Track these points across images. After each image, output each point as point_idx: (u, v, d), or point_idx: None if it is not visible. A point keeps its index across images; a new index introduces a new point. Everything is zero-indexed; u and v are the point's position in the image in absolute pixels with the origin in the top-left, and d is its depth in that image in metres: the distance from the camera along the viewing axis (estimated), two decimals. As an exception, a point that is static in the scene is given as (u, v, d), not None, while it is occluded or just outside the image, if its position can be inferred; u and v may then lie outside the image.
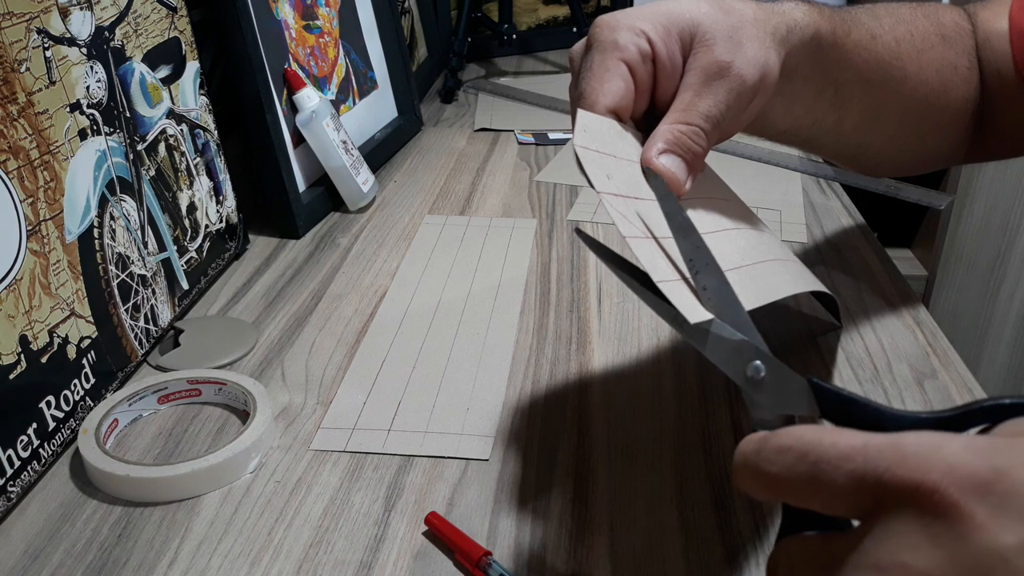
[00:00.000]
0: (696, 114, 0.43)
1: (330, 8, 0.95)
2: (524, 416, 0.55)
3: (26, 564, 0.44)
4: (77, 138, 0.54)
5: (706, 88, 0.44)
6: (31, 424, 0.49)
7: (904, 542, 0.25)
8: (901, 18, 0.55)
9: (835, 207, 0.86)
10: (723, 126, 0.44)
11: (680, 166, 0.43)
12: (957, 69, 0.56)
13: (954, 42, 0.57)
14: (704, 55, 0.44)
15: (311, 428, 0.54)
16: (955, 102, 0.57)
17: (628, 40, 0.44)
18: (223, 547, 0.45)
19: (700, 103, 0.44)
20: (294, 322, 0.66)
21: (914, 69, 0.54)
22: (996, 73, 0.57)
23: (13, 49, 0.49)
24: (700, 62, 0.44)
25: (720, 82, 0.44)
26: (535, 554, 0.44)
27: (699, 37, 0.44)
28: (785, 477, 0.28)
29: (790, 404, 0.33)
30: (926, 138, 0.58)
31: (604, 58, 0.44)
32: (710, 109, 0.43)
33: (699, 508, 0.47)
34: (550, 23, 1.53)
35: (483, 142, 1.07)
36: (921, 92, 0.55)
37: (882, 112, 0.55)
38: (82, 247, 0.54)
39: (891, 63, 0.53)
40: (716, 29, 0.44)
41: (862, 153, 0.59)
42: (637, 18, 0.44)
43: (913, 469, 0.25)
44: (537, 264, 0.75)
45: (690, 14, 0.45)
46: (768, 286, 0.43)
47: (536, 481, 0.49)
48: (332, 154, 0.84)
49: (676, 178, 0.42)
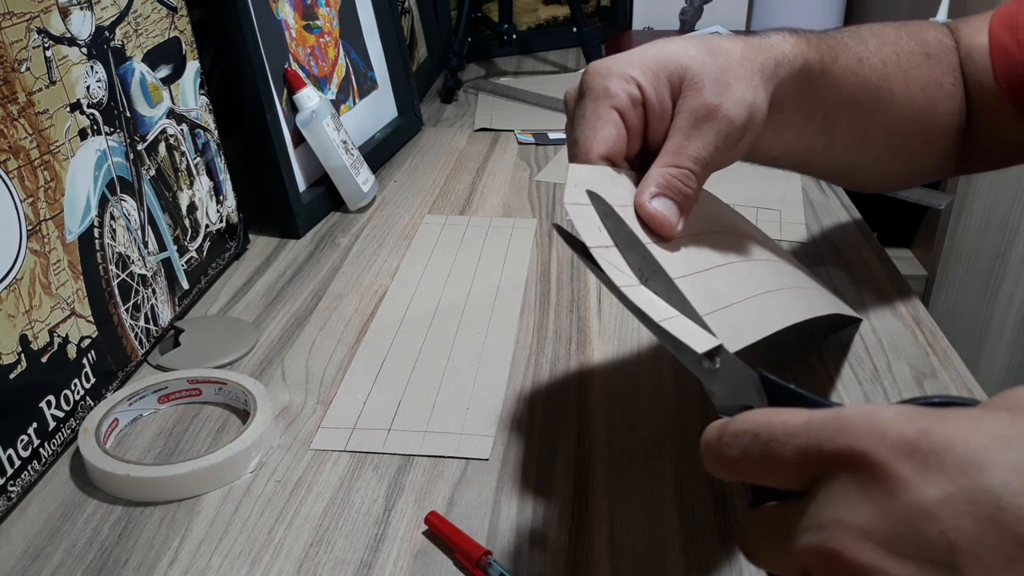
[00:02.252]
0: (686, 157, 0.45)
1: (330, 8, 0.95)
2: (524, 416, 0.55)
3: (26, 564, 0.44)
4: (77, 138, 0.54)
5: (695, 131, 0.45)
6: (31, 424, 0.49)
7: (841, 501, 0.27)
8: (886, 39, 0.57)
9: (835, 206, 0.86)
10: (712, 166, 0.46)
11: (671, 208, 0.44)
12: (943, 86, 0.58)
13: (938, 60, 0.58)
14: (693, 98, 0.45)
15: (311, 428, 0.54)
16: (942, 118, 0.58)
17: (619, 87, 0.45)
18: (223, 546, 0.45)
19: (690, 146, 0.45)
20: (294, 322, 0.66)
21: (901, 89, 0.56)
22: (979, 87, 0.58)
23: (13, 49, 0.49)
24: (689, 105, 0.45)
25: (709, 124, 0.45)
26: (535, 554, 0.44)
27: (688, 80, 0.46)
28: (743, 459, 0.30)
29: (743, 395, 0.35)
30: (915, 154, 0.60)
31: (596, 106, 0.46)
32: (699, 152, 0.45)
33: (699, 508, 0.47)
34: (550, 23, 1.53)
35: (483, 142, 1.07)
36: (909, 111, 0.57)
37: (871, 132, 0.57)
38: (82, 247, 0.54)
39: (879, 85, 0.55)
40: (704, 72, 0.46)
41: (853, 172, 0.61)
42: (627, 65, 0.46)
43: (848, 436, 0.27)
44: (537, 264, 0.75)
45: (678, 58, 0.46)
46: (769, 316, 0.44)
47: (536, 481, 0.49)
48: (332, 154, 0.84)
49: (668, 220, 0.44)
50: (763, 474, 0.30)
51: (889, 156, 0.59)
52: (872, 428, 0.27)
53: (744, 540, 0.32)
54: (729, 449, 0.31)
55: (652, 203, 0.44)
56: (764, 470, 0.30)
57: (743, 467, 0.31)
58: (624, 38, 1.47)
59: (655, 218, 0.43)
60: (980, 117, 0.59)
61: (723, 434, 0.31)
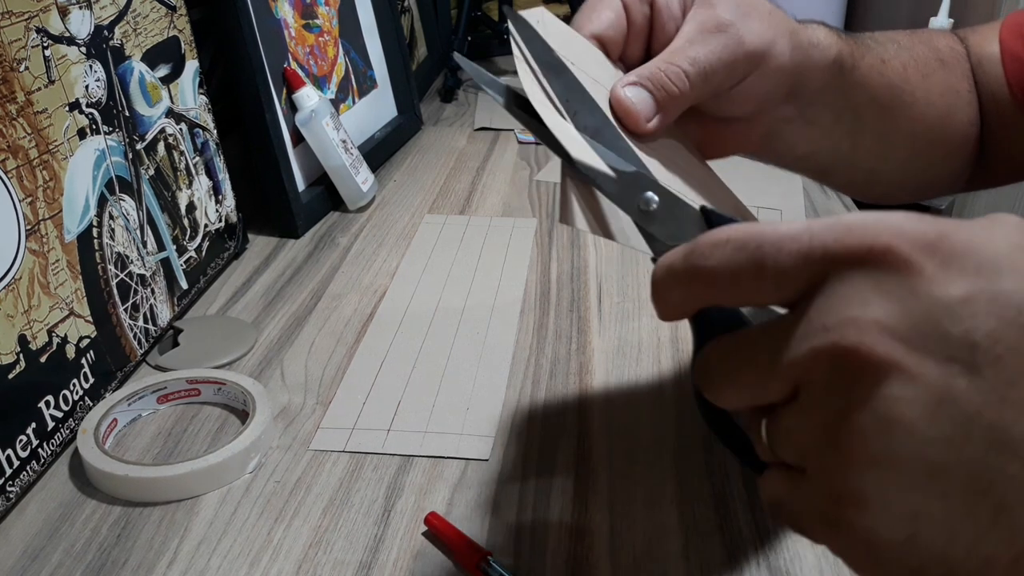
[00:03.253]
0: (682, 56, 0.42)
1: (330, 7, 0.95)
2: (524, 416, 0.55)
3: (25, 564, 0.44)
4: (76, 137, 0.54)
5: (700, 37, 0.43)
6: (30, 424, 0.49)
7: (854, 298, 0.25)
8: (902, 45, 0.56)
9: (835, 207, 0.86)
10: (711, 80, 0.43)
11: (645, 100, 0.40)
12: (959, 92, 0.57)
13: (952, 66, 0.58)
14: (704, 11, 0.43)
15: (310, 428, 0.54)
16: (961, 125, 0.58)
17: None
18: (222, 547, 0.45)
19: (690, 48, 0.42)
20: (293, 322, 0.66)
21: (922, 93, 0.55)
22: (991, 96, 0.58)
23: (12, 48, 0.49)
24: (699, 16, 0.43)
25: (716, 36, 0.42)
26: (535, 554, 0.44)
27: None
28: (723, 270, 0.27)
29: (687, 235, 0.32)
30: (934, 162, 0.59)
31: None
32: (698, 54, 0.42)
33: (699, 508, 0.47)
34: (550, 22, 1.53)
35: (483, 141, 1.07)
36: (930, 116, 0.56)
37: (894, 137, 0.56)
38: (81, 246, 0.54)
39: (902, 87, 0.54)
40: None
41: (874, 180, 0.60)
42: None
43: (862, 236, 0.25)
44: (537, 263, 0.75)
45: None
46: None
47: (536, 481, 0.49)
48: (332, 153, 0.83)
49: (635, 109, 0.40)
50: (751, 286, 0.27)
51: (910, 163, 0.58)
52: (890, 226, 0.25)
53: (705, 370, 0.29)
54: (705, 260, 0.27)
55: (623, 89, 0.40)
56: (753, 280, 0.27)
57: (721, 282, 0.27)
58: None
59: (621, 103, 0.40)
60: (994, 127, 0.58)
61: (694, 247, 0.27)
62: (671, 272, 0.28)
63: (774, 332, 0.27)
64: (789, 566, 0.43)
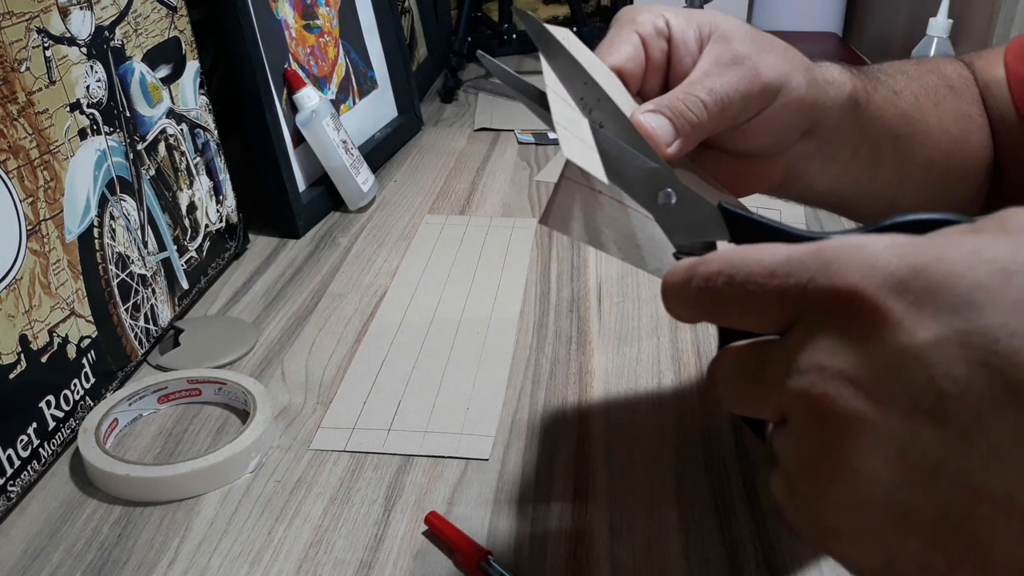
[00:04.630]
0: (700, 87, 0.43)
1: (330, 8, 0.95)
2: (524, 416, 0.55)
3: (26, 564, 0.44)
4: (77, 138, 0.54)
5: (716, 69, 0.43)
6: (31, 424, 0.49)
7: (823, 345, 0.25)
8: (911, 74, 0.57)
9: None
10: (729, 111, 0.43)
11: (665, 125, 0.41)
12: (971, 118, 0.57)
13: (962, 92, 0.58)
14: (721, 45, 0.44)
15: (311, 428, 0.54)
16: (976, 150, 0.58)
17: (646, 19, 0.45)
18: (223, 547, 0.45)
19: (707, 80, 0.43)
20: (294, 322, 0.66)
21: (935, 121, 0.55)
22: (1000, 120, 0.58)
23: (13, 49, 0.49)
24: (715, 50, 0.44)
25: (733, 68, 0.43)
26: (535, 554, 0.44)
27: (718, 34, 0.44)
28: (716, 302, 0.28)
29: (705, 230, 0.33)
30: (951, 188, 0.59)
31: (619, 30, 0.45)
32: (715, 85, 0.43)
33: (699, 508, 0.47)
34: (550, 23, 1.54)
35: (483, 142, 1.07)
36: (944, 143, 0.56)
37: (911, 166, 0.56)
38: (82, 247, 0.54)
39: (916, 117, 0.54)
40: (739, 32, 0.45)
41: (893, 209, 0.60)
42: (661, 7, 0.46)
43: (833, 275, 0.25)
44: (537, 264, 0.75)
45: (717, 18, 0.45)
46: None
47: (536, 481, 0.49)
48: (332, 154, 0.84)
49: (656, 134, 0.40)
50: (739, 318, 0.28)
51: (927, 191, 0.58)
52: (861, 263, 0.25)
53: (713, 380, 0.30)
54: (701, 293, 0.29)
55: (643, 115, 0.41)
56: (741, 314, 0.28)
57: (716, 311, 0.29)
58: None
59: (642, 127, 0.40)
60: (1005, 149, 0.59)
61: (692, 275, 0.29)
62: (674, 293, 0.30)
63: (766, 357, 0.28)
64: (789, 566, 0.43)
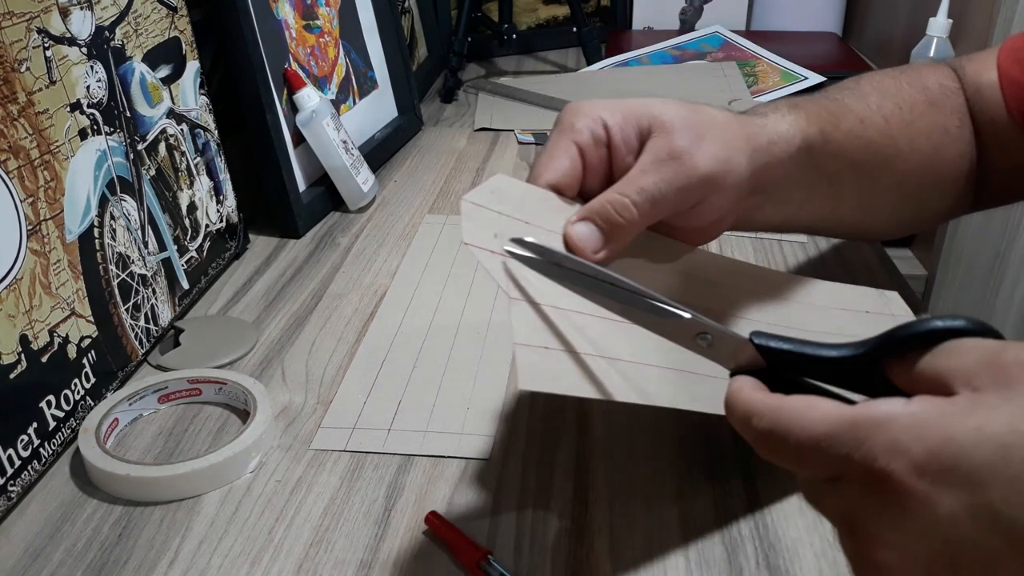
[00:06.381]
0: (632, 187, 0.45)
1: (330, 8, 0.95)
2: (524, 416, 0.55)
3: (26, 563, 0.44)
4: (77, 138, 0.54)
5: (652, 167, 0.45)
6: (31, 423, 0.49)
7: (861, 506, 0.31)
8: (887, 92, 0.57)
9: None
10: (661, 205, 0.45)
11: (592, 234, 0.44)
12: (948, 130, 0.58)
13: (941, 104, 0.58)
14: (660, 140, 0.46)
15: (311, 427, 0.54)
16: (951, 162, 0.58)
17: (584, 125, 0.46)
18: (223, 546, 0.45)
19: (640, 178, 0.45)
20: (294, 322, 0.66)
21: (906, 143, 0.56)
22: (990, 123, 0.58)
23: (13, 49, 0.49)
24: (654, 146, 0.46)
25: (669, 164, 0.45)
26: (535, 554, 0.44)
27: (657, 127, 0.46)
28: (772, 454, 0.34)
29: (744, 360, 0.38)
30: (925, 201, 0.60)
31: (558, 138, 0.47)
32: (647, 184, 0.45)
33: (699, 508, 0.47)
34: (550, 23, 1.53)
35: (483, 142, 1.07)
36: (915, 162, 0.57)
37: (878, 191, 0.57)
38: (82, 247, 0.54)
39: (883, 143, 0.55)
40: (677, 122, 0.46)
41: (863, 228, 0.61)
42: (600, 107, 0.47)
43: (866, 455, 0.30)
44: (537, 264, 0.74)
45: (654, 109, 0.47)
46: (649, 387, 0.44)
47: (536, 481, 0.49)
48: (332, 154, 0.84)
49: (583, 243, 0.44)
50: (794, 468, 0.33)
51: (899, 208, 0.59)
52: (887, 446, 0.29)
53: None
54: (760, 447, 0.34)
55: (572, 226, 0.44)
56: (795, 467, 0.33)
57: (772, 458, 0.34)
58: (623, 38, 1.47)
59: (571, 239, 0.44)
60: (993, 153, 0.59)
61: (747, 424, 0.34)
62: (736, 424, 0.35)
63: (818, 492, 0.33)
64: (789, 566, 0.43)
